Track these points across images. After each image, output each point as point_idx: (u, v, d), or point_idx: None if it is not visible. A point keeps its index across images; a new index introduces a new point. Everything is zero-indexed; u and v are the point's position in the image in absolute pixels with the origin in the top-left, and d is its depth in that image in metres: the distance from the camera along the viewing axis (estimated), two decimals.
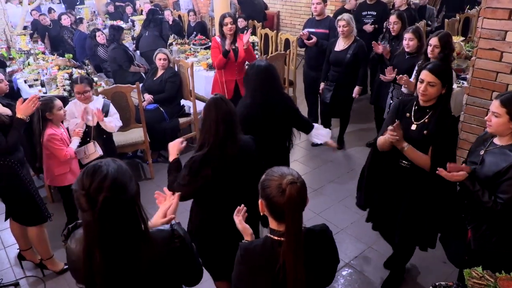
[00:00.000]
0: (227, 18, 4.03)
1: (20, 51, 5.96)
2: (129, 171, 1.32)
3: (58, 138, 2.98)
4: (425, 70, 2.20)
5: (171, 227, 1.39)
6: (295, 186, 1.38)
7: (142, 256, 1.30)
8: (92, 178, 1.23)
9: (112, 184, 1.22)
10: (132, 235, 1.29)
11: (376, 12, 5.44)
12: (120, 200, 1.24)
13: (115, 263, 1.28)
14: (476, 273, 1.76)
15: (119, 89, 3.96)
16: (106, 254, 1.25)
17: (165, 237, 1.36)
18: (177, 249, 1.35)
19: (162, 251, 1.33)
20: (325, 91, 4.43)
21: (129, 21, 8.15)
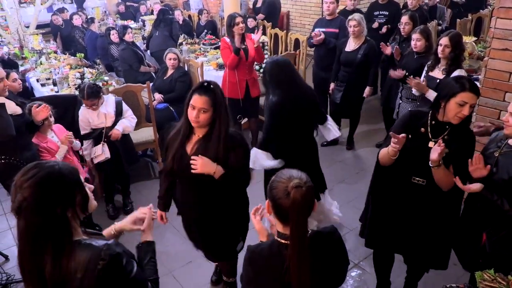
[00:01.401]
0: (237, 17, 4.04)
1: (33, 51, 6.04)
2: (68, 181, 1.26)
3: (40, 148, 2.96)
4: (468, 92, 1.94)
5: (103, 246, 1.26)
6: (300, 190, 1.38)
7: (57, 272, 1.22)
8: (23, 173, 1.23)
9: (33, 187, 1.20)
10: (50, 246, 1.22)
11: (388, 12, 5.39)
12: (35, 208, 1.20)
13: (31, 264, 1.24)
14: (488, 275, 1.74)
15: (130, 89, 3.99)
16: (22, 250, 1.24)
17: (89, 256, 1.23)
18: (100, 270, 1.22)
19: (80, 269, 1.22)
20: (335, 92, 4.42)
21: (139, 21, 8.21)
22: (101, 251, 1.24)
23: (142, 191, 4.06)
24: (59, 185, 1.23)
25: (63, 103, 3.52)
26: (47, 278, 1.22)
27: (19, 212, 1.21)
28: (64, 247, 1.24)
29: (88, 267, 1.22)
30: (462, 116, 1.97)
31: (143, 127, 4.14)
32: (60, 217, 1.23)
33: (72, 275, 1.22)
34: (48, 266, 1.22)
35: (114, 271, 1.25)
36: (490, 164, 2.03)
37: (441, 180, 2.05)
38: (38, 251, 1.22)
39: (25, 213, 1.20)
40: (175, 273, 3.03)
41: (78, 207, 1.29)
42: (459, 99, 1.95)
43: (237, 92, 4.20)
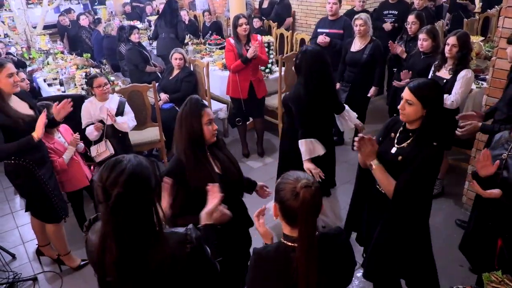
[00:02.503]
0: (241, 19, 4.04)
1: (40, 51, 6.08)
2: (149, 169, 1.31)
3: (47, 149, 2.97)
4: (406, 87, 1.95)
5: (185, 231, 1.36)
6: (309, 190, 1.37)
7: (152, 257, 1.30)
8: (110, 172, 1.25)
9: (128, 180, 1.23)
10: (145, 233, 1.29)
11: (398, 12, 5.36)
12: (134, 197, 1.24)
13: (126, 259, 1.28)
14: (496, 277, 1.73)
15: (136, 88, 4.01)
16: (119, 248, 1.26)
17: (177, 241, 1.34)
18: (187, 254, 1.33)
19: (171, 254, 1.31)
20: (340, 92, 4.40)
21: (145, 21, 8.24)
22: (187, 236, 1.34)
23: None
24: (147, 175, 1.29)
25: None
26: (149, 267, 1.29)
27: (116, 209, 1.22)
28: (157, 233, 1.31)
29: (177, 252, 1.31)
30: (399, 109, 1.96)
31: (148, 127, 4.15)
32: (154, 205, 1.29)
33: (166, 262, 1.30)
34: (149, 254, 1.28)
35: (199, 253, 1.37)
36: (499, 167, 1.99)
37: (380, 182, 1.99)
38: (138, 240, 1.27)
39: (124, 207, 1.23)
40: None
41: (158, 196, 1.35)
42: None
43: (239, 92, 4.20)
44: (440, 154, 1.92)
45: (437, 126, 1.90)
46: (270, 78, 5.05)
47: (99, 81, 3.36)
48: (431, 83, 1.93)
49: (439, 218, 3.40)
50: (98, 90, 3.37)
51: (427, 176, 1.92)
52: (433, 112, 1.89)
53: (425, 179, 1.93)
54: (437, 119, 1.89)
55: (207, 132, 1.99)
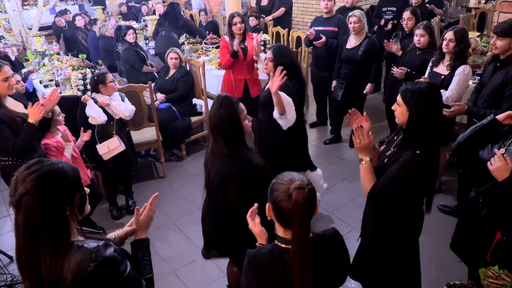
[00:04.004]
0: (236, 17, 4.03)
1: (36, 52, 6.06)
2: (68, 179, 1.26)
3: (51, 147, 2.96)
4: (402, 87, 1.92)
5: (94, 248, 1.24)
6: (302, 192, 1.36)
7: (51, 271, 1.22)
8: (26, 168, 1.25)
9: (35, 181, 1.21)
10: (46, 244, 1.22)
11: (396, 8, 5.36)
12: (37, 201, 1.20)
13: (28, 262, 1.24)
14: (492, 272, 1.72)
15: (132, 89, 4.00)
16: (19, 246, 1.24)
17: (80, 257, 1.22)
18: (89, 273, 1.20)
19: (72, 271, 1.21)
20: (336, 89, 4.40)
21: (141, 21, 8.21)
22: (92, 253, 1.23)
23: (145, 191, 4.06)
24: (60, 181, 1.25)
25: (66, 104, 3.52)
26: (43, 276, 1.22)
27: (19, 206, 1.21)
28: (61, 245, 1.24)
29: (78, 269, 1.21)
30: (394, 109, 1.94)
31: (145, 127, 4.15)
32: (59, 214, 1.23)
33: (64, 276, 1.21)
34: (44, 263, 1.22)
35: (105, 272, 1.24)
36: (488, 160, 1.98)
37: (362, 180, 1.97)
38: (36, 247, 1.22)
39: (26, 207, 1.20)
40: (178, 272, 3.03)
41: (76, 207, 1.29)
42: None
43: (233, 91, 4.20)
44: (422, 164, 1.82)
45: (421, 134, 1.81)
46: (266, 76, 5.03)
47: (110, 76, 3.48)
48: (426, 89, 1.83)
49: (437, 214, 3.40)
50: (111, 85, 3.45)
51: (403, 183, 1.83)
52: (416, 118, 1.82)
53: (401, 187, 1.84)
54: (420, 126, 1.81)
55: (245, 126, 2.03)
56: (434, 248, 3.03)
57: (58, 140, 3.07)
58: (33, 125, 2.61)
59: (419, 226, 2.07)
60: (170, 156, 4.71)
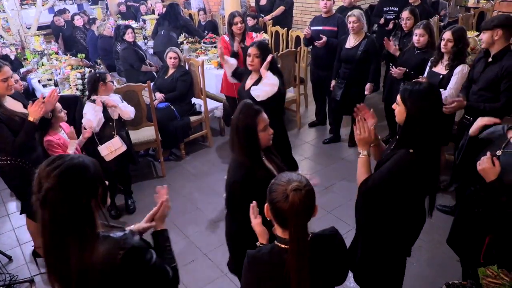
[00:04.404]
0: (236, 17, 4.03)
1: (34, 52, 6.05)
2: (90, 171, 1.28)
3: (54, 144, 2.96)
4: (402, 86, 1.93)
5: (121, 236, 1.29)
6: (299, 194, 1.35)
7: (81, 262, 1.24)
8: (48, 165, 1.25)
9: (60, 176, 1.22)
10: (71, 234, 1.24)
11: (398, 8, 5.35)
12: (63, 195, 1.22)
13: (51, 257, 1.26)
14: (491, 271, 1.73)
15: (131, 88, 3.99)
16: (47, 242, 1.25)
17: (108, 247, 1.26)
18: (118, 261, 1.24)
19: (101, 260, 1.24)
20: (335, 89, 4.40)
21: (140, 20, 8.21)
22: (120, 241, 1.27)
23: (144, 190, 4.06)
24: (83, 174, 1.26)
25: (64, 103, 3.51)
26: (72, 270, 1.24)
27: (45, 203, 1.21)
28: (88, 237, 1.26)
29: (107, 258, 1.24)
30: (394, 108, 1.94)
31: (144, 126, 4.14)
32: (85, 207, 1.26)
33: (93, 267, 1.24)
34: (73, 257, 1.23)
35: (133, 260, 1.27)
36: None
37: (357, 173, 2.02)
38: (64, 242, 1.24)
39: (52, 203, 1.21)
40: None
41: (99, 199, 1.31)
42: None
43: (233, 91, 4.19)
44: (415, 163, 1.82)
45: (416, 134, 1.83)
46: None
47: (109, 77, 3.48)
48: (425, 90, 1.83)
49: (436, 213, 3.40)
50: (110, 84, 3.45)
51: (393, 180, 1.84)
52: (413, 117, 1.82)
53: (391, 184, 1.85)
54: (417, 126, 1.82)
55: (263, 138, 1.99)
56: (433, 248, 3.04)
57: (61, 137, 3.08)
58: (33, 123, 2.61)
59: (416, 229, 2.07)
60: (169, 155, 4.70)
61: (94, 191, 1.29)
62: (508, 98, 2.77)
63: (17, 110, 2.68)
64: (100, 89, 3.40)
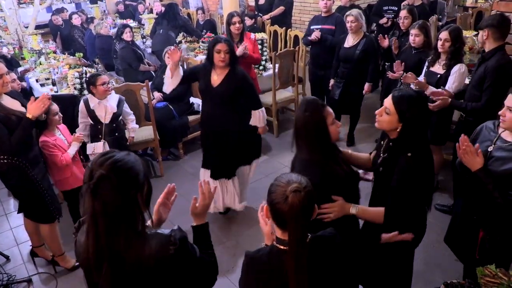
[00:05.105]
0: (235, 17, 4.02)
1: (32, 51, 6.03)
2: (139, 167, 1.32)
3: (50, 144, 2.94)
4: (391, 94, 1.89)
5: (170, 233, 1.33)
6: (298, 195, 1.34)
7: (130, 256, 1.27)
8: (101, 156, 1.28)
9: (112, 164, 1.25)
10: (122, 228, 1.26)
11: (397, 8, 5.35)
12: (115, 183, 1.23)
13: (102, 251, 1.26)
14: (489, 271, 1.72)
15: (129, 87, 3.99)
16: (97, 237, 1.25)
17: (159, 242, 1.30)
18: (170, 256, 1.29)
19: (153, 256, 1.28)
20: (334, 88, 4.40)
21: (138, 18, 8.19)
22: (170, 237, 1.30)
23: None
24: (134, 167, 1.30)
25: (62, 103, 3.51)
26: (126, 260, 1.26)
27: (96, 192, 1.22)
28: (139, 231, 1.29)
29: (160, 254, 1.27)
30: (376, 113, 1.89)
31: (142, 126, 4.13)
32: (133, 200, 1.27)
33: (146, 261, 1.27)
34: (125, 248, 1.26)
35: (184, 254, 1.33)
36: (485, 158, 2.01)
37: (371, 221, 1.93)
38: (116, 233, 1.25)
39: (104, 191, 1.22)
40: None
41: (145, 197, 1.33)
42: None
43: None
44: (418, 163, 1.82)
45: (413, 139, 1.83)
46: (264, 75, 5.04)
47: (103, 79, 3.40)
48: (416, 97, 1.83)
49: (434, 213, 3.41)
50: (102, 88, 3.36)
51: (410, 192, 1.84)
52: (409, 128, 1.82)
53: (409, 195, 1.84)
54: (413, 134, 1.82)
55: (333, 132, 1.91)
56: (431, 247, 3.04)
57: (57, 137, 3.06)
58: (31, 120, 2.60)
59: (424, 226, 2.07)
60: (168, 155, 4.70)
61: (142, 186, 1.31)
62: (488, 98, 2.82)
63: (14, 108, 2.66)
64: (93, 92, 3.39)
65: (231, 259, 3.12)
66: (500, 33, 2.81)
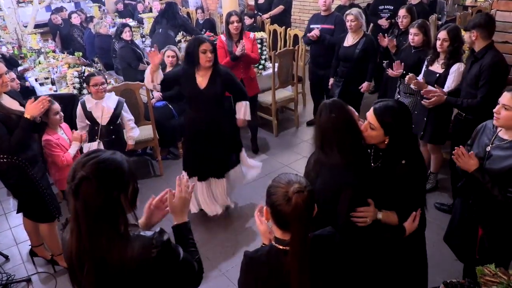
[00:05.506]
0: (233, 16, 4.01)
1: (31, 50, 6.02)
2: (124, 167, 1.29)
3: (52, 143, 2.95)
4: (372, 107, 1.87)
5: (153, 235, 1.31)
6: (301, 195, 1.33)
7: (115, 258, 1.25)
8: (84, 156, 1.27)
9: (95, 165, 1.23)
10: (106, 231, 1.25)
11: (393, 7, 5.34)
12: (97, 184, 1.22)
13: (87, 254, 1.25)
14: (489, 270, 1.72)
15: (128, 87, 3.98)
16: (79, 238, 1.24)
17: (142, 245, 1.28)
18: (152, 259, 1.27)
19: (135, 258, 1.26)
20: (334, 87, 4.40)
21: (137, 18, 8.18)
22: (152, 240, 1.28)
23: (141, 189, 3.99)
24: (117, 168, 1.28)
25: (61, 102, 3.51)
26: (108, 261, 1.25)
27: (77, 193, 1.21)
28: (121, 233, 1.27)
29: (142, 256, 1.26)
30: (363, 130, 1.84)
31: (142, 125, 4.13)
32: (116, 201, 1.26)
33: (128, 263, 1.25)
34: (108, 250, 1.25)
35: (166, 256, 1.30)
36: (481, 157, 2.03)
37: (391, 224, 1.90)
38: (98, 234, 1.24)
39: (85, 192, 1.21)
40: None
41: (129, 197, 1.31)
42: None
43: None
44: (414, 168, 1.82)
45: (404, 148, 1.82)
46: (263, 74, 5.03)
47: (96, 80, 3.37)
48: (397, 108, 1.82)
49: (433, 212, 3.40)
50: (93, 89, 3.37)
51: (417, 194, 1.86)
52: (396, 140, 1.81)
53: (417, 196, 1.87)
54: (401, 144, 1.81)
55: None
56: (431, 246, 3.00)
57: (60, 136, 3.08)
58: (29, 120, 2.60)
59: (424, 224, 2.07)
60: (167, 154, 4.69)
61: (125, 187, 1.29)
62: (484, 95, 2.86)
63: (13, 108, 2.66)
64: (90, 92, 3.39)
65: (230, 258, 3.12)
66: (487, 32, 2.88)
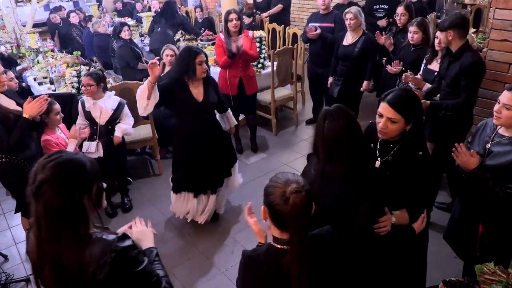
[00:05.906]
0: (232, 14, 4.01)
1: (30, 49, 6.01)
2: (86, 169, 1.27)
3: (52, 143, 2.94)
4: (384, 102, 1.80)
5: (114, 239, 1.27)
6: (299, 195, 1.33)
7: (72, 261, 1.23)
8: (44, 158, 1.26)
9: (55, 167, 1.22)
10: (66, 233, 1.23)
11: (388, 6, 5.34)
12: (57, 187, 1.20)
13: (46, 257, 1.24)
14: (488, 268, 1.72)
15: (127, 86, 3.97)
16: (39, 241, 1.23)
17: (101, 248, 1.24)
18: (109, 262, 1.23)
19: (94, 262, 1.22)
20: (333, 86, 4.39)
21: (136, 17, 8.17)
22: (112, 244, 1.25)
23: (141, 188, 4.04)
24: (78, 169, 1.26)
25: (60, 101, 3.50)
26: (66, 265, 1.23)
27: (38, 195, 1.21)
28: (82, 235, 1.25)
29: (99, 260, 1.23)
30: (380, 128, 1.81)
31: (140, 124, 4.12)
32: (78, 202, 1.24)
33: (85, 266, 1.23)
34: (66, 253, 1.23)
35: (124, 262, 1.26)
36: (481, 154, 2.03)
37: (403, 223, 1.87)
38: (57, 236, 1.22)
39: (45, 194, 1.20)
40: (174, 270, 3.02)
41: (93, 198, 1.29)
42: (379, 108, 1.83)
43: (228, 89, 4.18)
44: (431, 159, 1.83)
45: (420, 137, 1.83)
46: (262, 73, 5.02)
47: (83, 80, 3.34)
48: (405, 92, 1.82)
49: (432, 211, 3.40)
50: (84, 89, 3.35)
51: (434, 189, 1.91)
52: (418, 123, 1.80)
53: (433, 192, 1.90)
54: (420, 131, 1.81)
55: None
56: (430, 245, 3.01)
57: (59, 136, 3.07)
58: (28, 120, 2.60)
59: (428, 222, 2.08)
60: (166, 153, 4.68)
61: (88, 188, 1.27)
62: (468, 94, 2.88)
63: (11, 108, 2.65)
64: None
65: (229, 257, 3.12)
66: (463, 31, 2.90)
